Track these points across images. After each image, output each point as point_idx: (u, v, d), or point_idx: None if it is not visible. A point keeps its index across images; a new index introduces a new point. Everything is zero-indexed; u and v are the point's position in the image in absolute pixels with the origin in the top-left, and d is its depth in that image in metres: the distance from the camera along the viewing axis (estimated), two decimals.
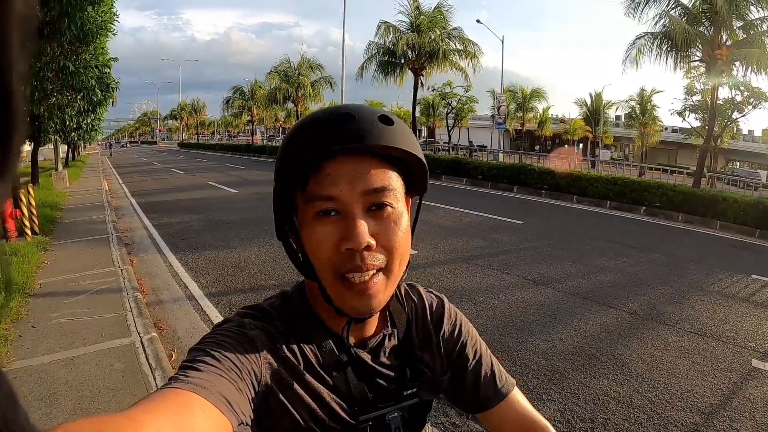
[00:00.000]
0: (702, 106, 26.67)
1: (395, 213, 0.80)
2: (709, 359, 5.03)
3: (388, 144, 0.76)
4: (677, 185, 16.27)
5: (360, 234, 0.75)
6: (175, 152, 61.96)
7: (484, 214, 13.29)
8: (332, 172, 0.77)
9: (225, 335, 0.78)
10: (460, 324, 1.05)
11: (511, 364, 4.76)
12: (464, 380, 1.02)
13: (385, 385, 0.90)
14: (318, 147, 0.76)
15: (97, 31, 9.83)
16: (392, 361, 0.92)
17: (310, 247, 0.79)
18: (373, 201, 0.78)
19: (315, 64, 44.02)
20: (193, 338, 5.21)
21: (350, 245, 0.75)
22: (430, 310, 1.02)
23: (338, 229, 0.77)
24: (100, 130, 25.21)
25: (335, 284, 0.79)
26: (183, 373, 0.68)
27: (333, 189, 0.76)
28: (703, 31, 18.88)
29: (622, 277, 7.84)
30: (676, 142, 48.63)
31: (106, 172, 30.17)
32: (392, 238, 0.79)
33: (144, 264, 8.21)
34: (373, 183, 0.78)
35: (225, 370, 0.71)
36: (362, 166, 0.78)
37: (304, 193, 0.79)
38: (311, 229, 0.79)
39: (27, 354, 4.65)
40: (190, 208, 14.36)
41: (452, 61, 27.04)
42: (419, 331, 0.99)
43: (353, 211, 0.77)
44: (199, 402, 0.63)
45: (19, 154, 0.23)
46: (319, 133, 0.76)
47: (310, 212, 0.78)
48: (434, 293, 1.06)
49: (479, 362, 1.03)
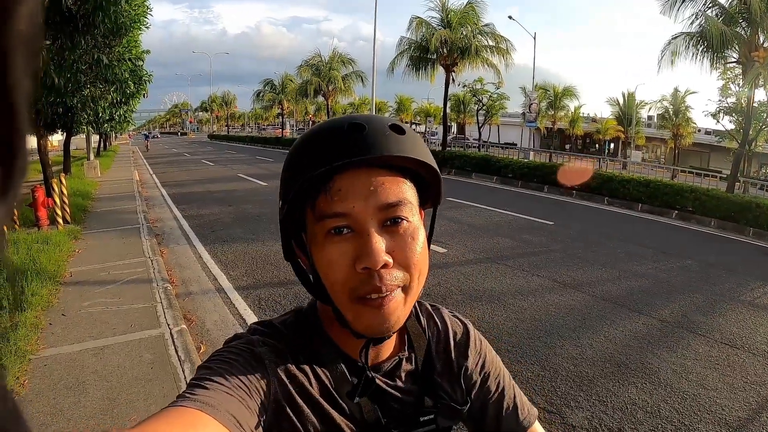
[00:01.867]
0: (737, 108, 26.10)
1: (411, 227, 0.75)
2: (739, 372, 4.89)
3: (402, 154, 0.72)
4: (710, 189, 15.88)
5: (376, 252, 0.71)
6: (205, 143, 62.68)
7: (514, 214, 13.15)
8: (343, 186, 0.72)
9: (233, 352, 0.76)
10: (485, 354, 1.00)
11: (539, 369, 4.71)
12: (486, 412, 0.97)
13: (399, 409, 0.85)
14: (327, 160, 0.70)
15: (130, 24, 9.97)
16: (408, 385, 0.87)
17: (323, 268, 0.74)
18: (388, 216, 0.74)
19: (346, 59, 43.99)
20: (222, 331, 5.24)
21: (366, 264, 0.70)
22: (454, 338, 0.97)
23: (352, 247, 0.72)
24: (132, 121, 25.51)
25: (351, 306, 0.74)
26: (190, 391, 0.67)
27: (345, 205, 0.72)
28: (740, 31, 18.45)
29: (654, 282, 7.68)
30: (710, 144, 47.68)
31: (137, 162, 30.58)
32: (410, 254, 0.74)
33: (174, 255, 8.28)
34: (387, 197, 0.73)
35: (233, 387, 0.69)
36: (375, 179, 0.73)
37: (314, 211, 0.74)
38: (323, 249, 0.74)
39: (57, 342, 4.71)
40: (220, 199, 14.49)
41: (484, 57, 26.79)
42: (440, 356, 0.94)
43: (368, 228, 0.72)
44: (206, 420, 0.62)
45: (22, 173, 0.23)
46: (328, 146, 0.72)
47: (320, 231, 0.73)
48: (459, 317, 1.01)
49: (502, 394, 0.98)
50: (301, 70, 45.33)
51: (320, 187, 0.73)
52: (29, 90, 0.22)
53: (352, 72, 43.84)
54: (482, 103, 43.20)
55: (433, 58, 27.09)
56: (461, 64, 26.59)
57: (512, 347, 5.14)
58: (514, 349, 5.09)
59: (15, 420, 0.25)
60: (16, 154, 0.22)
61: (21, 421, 0.25)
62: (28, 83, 0.22)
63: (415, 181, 0.79)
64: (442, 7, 26.45)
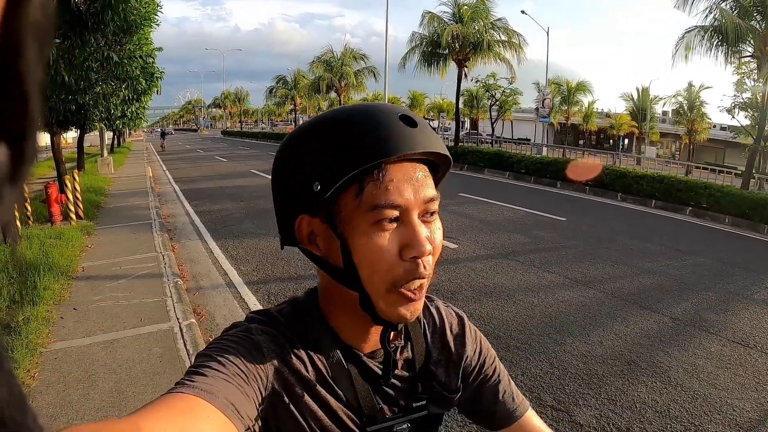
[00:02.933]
0: (753, 103, 25.87)
1: (439, 220, 0.80)
2: (751, 372, 4.83)
3: (440, 151, 0.76)
4: (725, 186, 15.69)
5: (425, 242, 0.74)
6: (219, 140, 63.01)
7: (526, 210, 13.10)
8: (396, 177, 0.74)
9: (231, 340, 0.77)
10: (481, 343, 1.03)
11: (548, 366, 4.69)
12: (482, 398, 1.00)
13: (394, 396, 0.87)
14: (388, 148, 0.72)
15: (140, 21, 10.03)
16: (404, 373, 0.89)
17: (367, 255, 0.74)
18: (427, 209, 0.77)
19: (358, 54, 43.97)
20: None
21: (415, 253, 0.73)
22: (450, 328, 0.99)
23: (398, 236, 0.74)
24: (144, 118, 25.68)
25: (387, 294, 0.75)
26: (189, 378, 0.68)
27: (399, 197, 0.73)
28: (755, 25, 18.25)
29: (666, 280, 7.61)
30: (725, 140, 47.21)
31: (150, 158, 30.76)
32: (439, 244, 0.79)
33: (185, 250, 8.33)
34: (430, 192, 0.77)
35: (231, 375, 0.70)
36: (420, 173, 0.76)
37: (359, 198, 0.73)
38: (369, 237, 0.74)
39: (67, 335, 4.76)
40: (232, 195, 14.57)
41: (496, 52, 26.69)
42: (436, 346, 0.95)
43: (414, 219, 0.75)
44: (204, 407, 0.63)
45: (33, 160, 0.23)
46: (382, 135, 0.72)
47: (369, 220, 0.74)
48: (453, 309, 1.03)
49: (498, 379, 1.01)
50: (313, 66, 45.38)
51: (365, 176, 0.73)
52: (41, 78, 0.22)
53: (364, 68, 43.81)
54: (495, 99, 42.96)
55: (445, 53, 27.01)
56: (473, 59, 26.51)
57: (522, 344, 5.11)
58: (523, 346, 5.06)
59: (20, 408, 0.25)
60: (27, 140, 0.22)
61: (26, 408, 0.25)
62: (40, 71, 0.22)
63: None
64: (455, 2, 26.37)
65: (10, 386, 0.24)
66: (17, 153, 0.22)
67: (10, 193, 0.22)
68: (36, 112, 0.22)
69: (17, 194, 0.23)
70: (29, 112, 0.22)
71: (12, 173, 0.22)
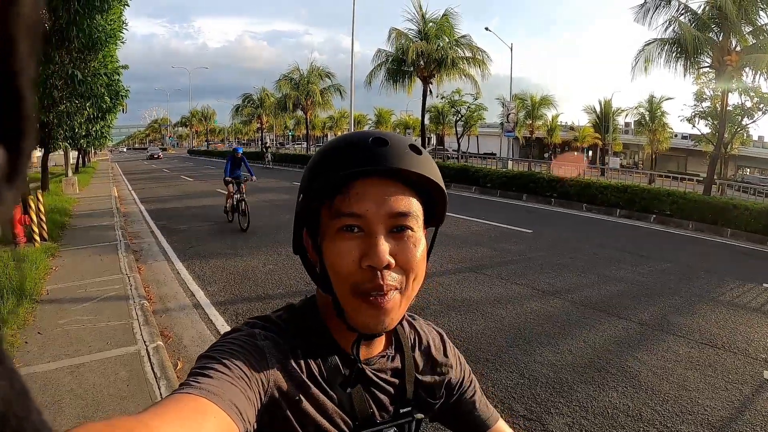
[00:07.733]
0: (712, 112, 26.63)
1: (415, 237, 0.83)
2: (720, 371, 4.96)
3: (417, 171, 0.79)
4: (687, 193, 16.12)
5: (381, 252, 0.78)
6: (185, 159, 62.34)
7: (492, 223, 13.26)
8: (361, 191, 0.79)
9: (235, 344, 0.80)
10: (460, 358, 1.10)
11: (518, 377, 4.72)
12: (461, 409, 1.07)
13: (384, 402, 0.92)
14: (351, 165, 0.78)
15: (105, 39, 9.92)
16: (393, 380, 0.94)
17: (331, 260, 0.81)
18: (395, 223, 0.81)
19: (324, 72, 44.11)
20: (199, 347, 5.20)
21: (371, 262, 0.77)
22: (434, 343, 1.05)
23: (360, 245, 0.79)
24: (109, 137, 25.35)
25: (351, 299, 0.80)
26: (194, 380, 0.70)
27: (360, 207, 0.79)
28: (713, 36, 18.84)
29: (632, 286, 7.77)
30: (686, 149, 48.38)
31: (116, 179, 30.32)
32: (410, 258, 0.81)
33: (151, 271, 8.22)
34: (398, 206, 0.80)
35: (235, 378, 0.72)
36: (390, 189, 0.81)
37: (330, 209, 0.81)
38: (333, 243, 0.81)
39: (32, 360, 4.65)
40: (199, 215, 14.42)
41: (461, 68, 27.05)
42: (422, 358, 1.02)
43: (376, 231, 0.79)
44: (211, 408, 0.64)
45: (29, 159, 0.24)
46: (352, 153, 0.79)
47: (334, 226, 0.80)
48: (434, 327, 1.10)
49: (474, 391, 1.09)
50: (280, 84, 45.36)
51: (340, 188, 0.80)
52: (34, 75, 0.23)
53: (330, 85, 43.95)
54: (461, 114, 43.45)
55: (410, 71, 27.29)
56: (438, 75, 26.83)
57: (491, 356, 5.14)
58: (492, 358, 5.09)
59: (23, 403, 0.25)
60: (24, 137, 0.23)
61: (29, 403, 0.26)
62: (33, 68, 0.23)
63: (423, 199, 0.86)
64: (421, 18, 26.65)
65: (12, 382, 0.25)
66: (14, 152, 0.23)
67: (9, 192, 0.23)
68: (31, 110, 0.23)
69: (16, 194, 0.24)
70: (24, 110, 0.23)
71: (10, 173, 0.23)
